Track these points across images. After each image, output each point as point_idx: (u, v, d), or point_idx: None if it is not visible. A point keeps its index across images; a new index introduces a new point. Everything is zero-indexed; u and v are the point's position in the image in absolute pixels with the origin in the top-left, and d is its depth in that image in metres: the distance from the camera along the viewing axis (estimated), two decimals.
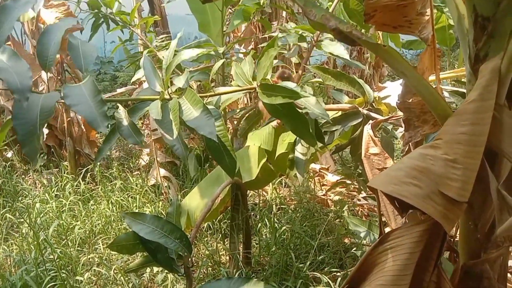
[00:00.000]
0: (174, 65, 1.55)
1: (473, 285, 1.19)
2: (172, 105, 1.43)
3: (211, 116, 1.38)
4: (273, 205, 4.05)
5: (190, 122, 1.38)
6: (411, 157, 1.14)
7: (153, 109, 1.44)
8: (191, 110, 1.41)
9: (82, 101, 1.22)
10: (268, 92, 1.54)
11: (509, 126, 1.04)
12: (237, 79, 1.77)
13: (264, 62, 1.58)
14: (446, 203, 1.04)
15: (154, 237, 1.69)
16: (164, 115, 1.41)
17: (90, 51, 1.46)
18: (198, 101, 1.41)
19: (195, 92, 1.46)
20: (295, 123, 1.69)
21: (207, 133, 1.33)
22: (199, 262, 3.26)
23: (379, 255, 1.17)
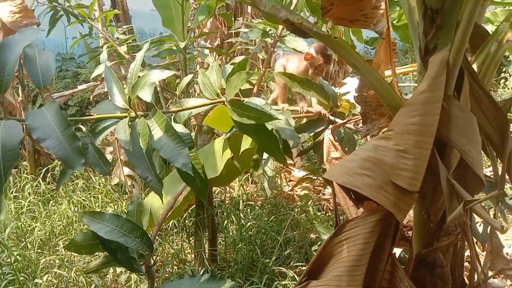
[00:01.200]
0: (141, 86, 1.44)
1: (426, 273, 1.22)
2: (141, 129, 1.34)
3: (184, 145, 1.32)
4: (240, 202, 4.04)
5: (162, 152, 1.32)
6: (364, 148, 1.15)
7: (120, 132, 1.33)
8: (162, 136, 1.33)
9: (51, 134, 1.11)
10: (238, 110, 1.49)
11: (458, 117, 1.07)
12: (204, 90, 1.69)
13: (235, 82, 1.51)
14: (397, 193, 1.05)
15: (114, 236, 1.64)
16: (133, 140, 1.32)
17: (49, 62, 1.32)
18: (169, 128, 1.33)
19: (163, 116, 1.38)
20: (264, 141, 1.66)
21: (181, 165, 1.28)
22: (164, 261, 3.21)
23: (335, 246, 1.18)
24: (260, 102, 1.54)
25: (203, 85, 1.71)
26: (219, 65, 1.79)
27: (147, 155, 1.33)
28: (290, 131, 1.65)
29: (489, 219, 1.01)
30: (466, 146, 1.05)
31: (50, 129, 1.12)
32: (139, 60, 1.53)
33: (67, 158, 1.11)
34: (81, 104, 7.54)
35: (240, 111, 1.48)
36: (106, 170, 1.35)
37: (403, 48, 10.22)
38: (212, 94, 1.66)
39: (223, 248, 3.37)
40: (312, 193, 4.37)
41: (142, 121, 1.37)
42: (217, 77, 1.71)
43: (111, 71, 1.57)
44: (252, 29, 2.83)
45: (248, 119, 1.46)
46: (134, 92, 1.43)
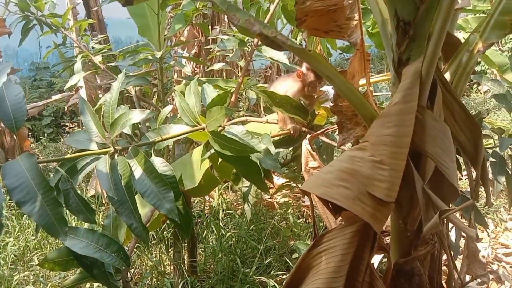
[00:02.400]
0: (121, 126, 1.38)
1: (405, 282, 1.22)
2: (123, 171, 1.28)
3: (168, 188, 1.28)
4: (220, 211, 4.01)
5: (145, 197, 1.28)
6: (341, 159, 1.15)
7: (102, 176, 1.26)
8: (145, 179, 1.29)
9: (31, 197, 1.03)
10: (219, 141, 1.47)
11: (432, 127, 1.08)
12: (183, 115, 1.64)
13: (215, 114, 1.47)
14: (374, 203, 1.06)
15: (89, 251, 1.59)
16: (115, 183, 1.26)
17: (20, 99, 1.18)
18: (152, 170, 1.29)
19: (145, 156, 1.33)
20: (246, 170, 1.65)
21: (167, 211, 1.25)
22: (143, 274, 3.15)
23: (314, 258, 1.18)
24: (240, 132, 1.53)
25: (181, 109, 1.66)
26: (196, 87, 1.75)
27: (131, 199, 1.28)
28: (271, 162, 1.64)
29: (464, 228, 1.02)
30: (441, 156, 1.06)
31: (31, 190, 1.04)
32: (115, 93, 1.48)
33: (49, 226, 1.05)
34: (56, 114, 7.39)
35: (222, 143, 1.46)
36: (90, 218, 1.30)
37: (378, 55, 10.39)
38: (191, 120, 1.63)
39: (202, 259, 3.33)
40: (292, 200, 4.37)
41: (122, 161, 1.32)
42: (195, 102, 1.67)
43: (86, 102, 1.50)
44: (229, 38, 2.82)
45: (229, 151, 1.44)
46: (113, 131, 1.38)
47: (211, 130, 1.51)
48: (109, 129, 1.42)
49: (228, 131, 1.56)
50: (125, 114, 1.43)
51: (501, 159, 2.06)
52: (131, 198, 1.30)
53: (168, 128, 1.69)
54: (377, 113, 1.17)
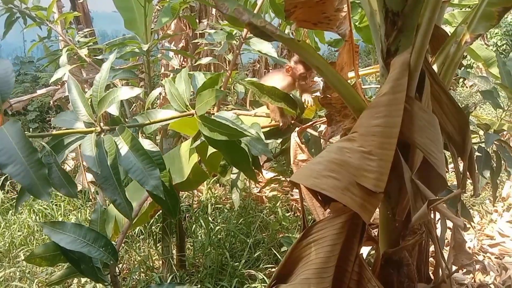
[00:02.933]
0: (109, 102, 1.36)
1: (393, 272, 1.23)
2: (108, 147, 1.26)
3: (154, 165, 1.26)
4: (208, 205, 4.00)
5: (131, 173, 1.25)
6: (330, 150, 1.15)
7: (87, 151, 1.25)
8: (131, 156, 1.26)
9: (14, 159, 1.02)
10: (208, 125, 1.45)
11: (420, 118, 1.09)
12: (172, 100, 1.62)
13: (206, 98, 1.45)
14: (363, 194, 1.06)
15: (76, 246, 1.57)
16: (100, 159, 1.24)
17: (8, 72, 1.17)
18: (138, 147, 1.27)
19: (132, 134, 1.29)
20: (234, 157, 1.62)
21: (152, 188, 1.23)
22: (131, 269, 3.13)
23: (303, 249, 1.18)
24: (230, 117, 1.51)
25: (170, 95, 1.64)
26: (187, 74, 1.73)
27: (116, 176, 1.26)
28: (262, 147, 1.62)
29: (452, 217, 1.03)
30: (429, 147, 1.07)
31: (13, 153, 1.03)
32: (105, 73, 1.46)
33: (32, 187, 1.03)
34: (41, 109, 7.28)
35: (211, 127, 1.44)
36: (72, 192, 1.27)
37: (365, 49, 10.42)
38: (180, 106, 1.61)
39: (191, 253, 3.32)
40: (281, 194, 4.38)
41: (109, 139, 1.29)
42: (185, 88, 1.65)
43: (75, 81, 1.48)
44: (217, 31, 2.80)
45: (219, 134, 1.42)
46: (100, 108, 1.36)
47: (200, 114, 1.50)
48: (97, 107, 1.40)
49: (218, 116, 1.55)
50: (113, 91, 1.41)
51: (486, 154, 2.08)
52: (116, 175, 1.27)
53: (156, 113, 1.67)
54: (366, 104, 1.18)
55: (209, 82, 1.61)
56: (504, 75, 2.10)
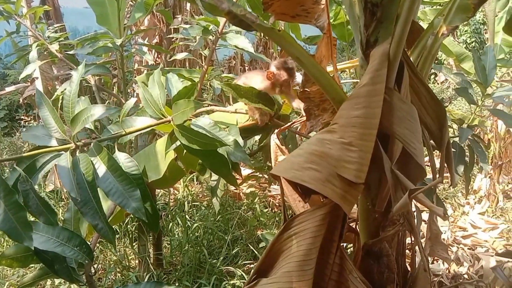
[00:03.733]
0: (82, 122, 1.31)
1: (373, 263, 1.24)
2: (85, 169, 1.21)
3: (134, 186, 1.22)
4: (185, 203, 3.96)
5: (111, 196, 1.21)
6: (310, 142, 1.14)
7: (63, 174, 1.20)
8: (109, 177, 1.23)
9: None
10: (186, 135, 1.42)
11: (399, 109, 1.09)
12: (147, 106, 1.57)
13: (182, 107, 1.41)
14: (344, 185, 1.06)
15: (50, 246, 1.51)
16: (78, 182, 1.20)
17: None
18: (116, 167, 1.23)
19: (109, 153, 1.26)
20: (214, 163, 1.60)
21: (133, 210, 1.19)
22: (107, 269, 3.06)
23: (284, 242, 1.17)
24: (207, 124, 1.48)
25: (145, 101, 1.58)
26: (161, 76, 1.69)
27: (95, 199, 1.22)
28: (241, 154, 1.60)
29: (432, 206, 1.04)
30: (408, 137, 1.07)
31: None
32: (75, 86, 1.40)
33: (12, 231, 1.01)
34: (10, 107, 7.05)
35: (189, 136, 1.41)
36: (52, 220, 1.24)
37: (339, 47, 10.53)
38: (156, 112, 1.56)
39: (168, 251, 3.28)
40: (258, 190, 4.37)
41: (84, 158, 1.25)
42: (160, 93, 1.59)
43: (44, 96, 1.40)
44: (192, 26, 2.76)
45: (197, 145, 1.39)
46: (74, 127, 1.31)
47: (177, 123, 1.47)
48: (70, 125, 1.35)
49: (195, 124, 1.51)
50: (87, 109, 1.36)
51: (460, 149, 2.12)
52: (95, 198, 1.24)
53: (131, 121, 1.61)
54: (346, 96, 1.17)
55: (184, 92, 1.57)
56: (479, 70, 2.14)
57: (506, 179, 4.56)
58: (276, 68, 1.87)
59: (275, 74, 1.85)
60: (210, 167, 1.65)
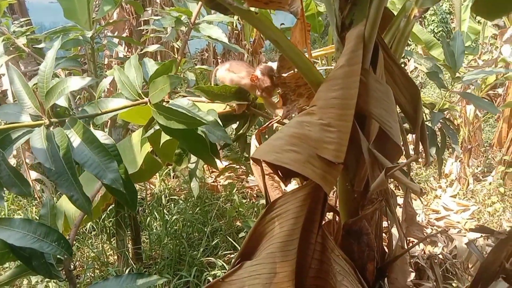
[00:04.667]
0: (57, 95, 1.28)
1: (354, 242, 1.27)
2: (60, 141, 1.18)
3: (111, 158, 1.19)
4: (162, 197, 3.93)
5: (87, 167, 1.18)
6: (290, 125, 1.16)
7: (37, 146, 1.16)
8: (85, 149, 1.20)
9: None
10: (164, 114, 1.39)
11: (375, 89, 1.11)
12: (123, 88, 1.54)
13: (160, 85, 1.39)
14: (324, 165, 1.07)
15: (27, 242, 1.48)
16: (52, 154, 1.16)
17: None
18: (92, 139, 1.20)
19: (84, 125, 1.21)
20: (193, 145, 1.57)
21: (111, 181, 1.17)
22: (85, 266, 3.02)
23: (267, 224, 1.18)
24: (186, 104, 1.47)
25: (121, 83, 1.56)
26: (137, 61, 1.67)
27: (70, 171, 1.18)
28: (221, 133, 1.59)
29: (408, 183, 1.07)
30: (384, 117, 1.10)
31: None
32: (51, 61, 1.37)
33: None
34: None
35: (167, 115, 1.38)
36: (25, 190, 1.20)
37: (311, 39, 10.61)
38: (132, 94, 1.54)
39: (147, 245, 3.26)
40: (236, 181, 4.38)
41: (59, 132, 1.22)
42: (136, 75, 1.58)
43: (17, 71, 1.38)
44: (164, 16, 2.73)
45: (176, 123, 1.37)
46: (48, 100, 1.27)
47: (155, 102, 1.45)
48: (44, 98, 1.32)
49: (173, 104, 1.50)
50: (62, 81, 1.33)
51: (432, 132, 2.18)
52: (71, 169, 1.21)
53: (107, 102, 1.60)
54: (323, 78, 1.19)
55: (162, 69, 1.55)
56: (448, 55, 2.20)
57: (475, 163, 4.72)
58: (261, 73, 1.85)
59: (259, 79, 1.84)
60: (189, 149, 1.64)
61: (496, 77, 4.48)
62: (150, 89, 1.45)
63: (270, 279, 1.10)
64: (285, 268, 1.10)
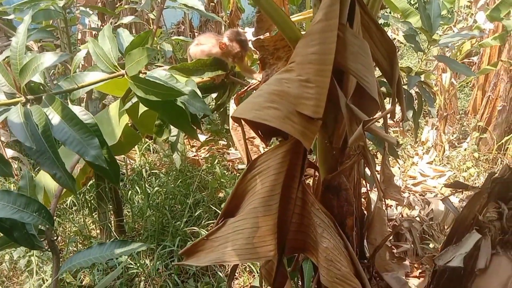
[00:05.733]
0: (32, 71, 1.26)
1: (333, 197, 1.30)
2: (38, 119, 1.16)
3: (92, 134, 1.18)
4: (143, 171, 3.91)
5: (68, 144, 1.17)
6: (269, 83, 1.16)
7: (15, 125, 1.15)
8: (64, 126, 1.18)
9: None
10: (142, 86, 1.37)
11: (352, 44, 1.12)
12: (98, 61, 1.52)
13: (137, 57, 1.36)
14: (303, 121, 1.09)
15: (6, 213, 1.46)
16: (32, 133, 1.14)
17: None
18: (71, 116, 1.19)
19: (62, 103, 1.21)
20: (173, 116, 1.56)
21: (93, 158, 1.15)
22: (67, 240, 3.01)
23: (249, 182, 1.20)
24: (164, 76, 1.45)
25: (96, 56, 1.53)
26: (111, 32, 1.63)
27: (51, 149, 1.17)
28: (200, 104, 1.57)
29: (385, 136, 1.09)
30: (362, 72, 1.11)
31: None
32: (22, 36, 1.32)
33: None
34: None
35: (145, 87, 1.37)
36: (6, 171, 1.18)
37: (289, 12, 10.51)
38: (108, 67, 1.51)
39: (130, 218, 3.26)
40: (217, 154, 4.39)
41: (37, 109, 1.20)
42: (111, 47, 1.55)
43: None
44: None
45: (155, 96, 1.36)
46: (23, 78, 1.25)
47: (132, 75, 1.43)
48: (18, 76, 1.29)
49: (151, 76, 1.49)
50: (36, 58, 1.30)
51: (409, 96, 2.22)
52: (52, 148, 1.20)
53: (82, 76, 1.56)
54: (301, 34, 1.19)
55: (138, 41, 1.53)
56: (424, 18, 2.22)
57: (451, 130, 4.83)
58: (228, 40, 1.82)
59: (227, 46, 1.81)
60: (169, 120, 1.63)
61: (471, 45, 4.56)
62: (126, 61, 1.43)
63: (253, 233, 1.13)
64: (267, 222, 1.13)
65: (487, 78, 5.18)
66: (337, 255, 1.15)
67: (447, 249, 1.58)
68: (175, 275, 2.69)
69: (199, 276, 2.78)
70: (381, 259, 1.64)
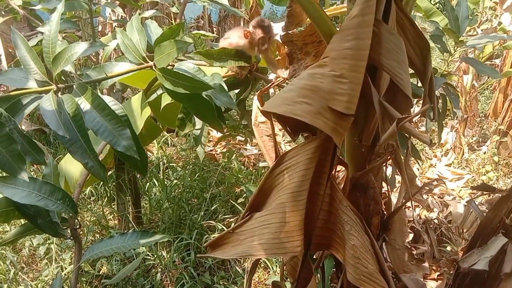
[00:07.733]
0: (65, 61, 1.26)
1: (360, 195, 1.29)
2: (70, 109, 1.16)
3: (123, 125, 1.18)
4: (161, 164, 3.94)
5: (99, 134, 1.17)
6: (301, 78, 1.15)
7: (48, 114, 1.15)
8: (96, 117, 1.18)
9: None
10: (171, 79, 1.37)
11: (387, 40, 1.11)
12: (127, 52, 1.52)
13: (167, 50, 1.35)
14: (335, 117, 1.08)
15: (32, 200, 1.47)
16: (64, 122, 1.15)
17: None
18: (103, 106, 1.19)
19: (95, 92, 1.21)
20: (199, 108, 1.55)
21: (124, 148, 1.16)
22: (86, 230, 3.05)
23: (277, 177, 1.19)
24: (192, 68, 1.45)
25: (124, 46, 1.53)
26: (139, 22, 1.63)
27: (84, 138, 1.18)
28: (226, 98, 1.57)
29: (419, 134, 1.08)
30: (396, 69, 1.10)
31: None
32: (55, 25, 1.33)
33: (5, 164, 0.99)
34: None
35: (174, 80, 1.37)
36: (39, 159, 1.19)
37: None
38: (136, 58, 1.51)
39: (148, 210, 3.28)
40: (234, 150, 4.40)
41: (69, 98, 1.20)
42: (140, 38, 1.54)
43: (21, 35, 1.35)
44: None
45: (183, 88, 1.35)
46: (55, 67, 1.25)
47: (160, 67, 1.43)
48: (51, 65, 1.30)
49: (179, 68, 1.48)
50: (69, 47, 1.30)
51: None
52: (84, 137, 1.20)
53: (111, 66, 1.57)
54: (335, 29, 1.18)
55: (169, 32, 1.52)
56: (452, 19, 2.19)
57: (470, 132, 4.76)
58: (252, 27, 1.83)
59: (252, 33, 1.82)
60: (195, 113, 1.63)
61: (493, 47, 4.47)
62: (156, 53, 1.43)
63: (280, 228, 1.12)
64: (295, 218, 1.12)
65: (509, 81, 5.08)
66: (364, 253, 1.14)
67: (472, 252, 1.56)
68: (191, 267, 2.71)
69: (215, 270, 2.79)
70: (399, 260, 1.62)
